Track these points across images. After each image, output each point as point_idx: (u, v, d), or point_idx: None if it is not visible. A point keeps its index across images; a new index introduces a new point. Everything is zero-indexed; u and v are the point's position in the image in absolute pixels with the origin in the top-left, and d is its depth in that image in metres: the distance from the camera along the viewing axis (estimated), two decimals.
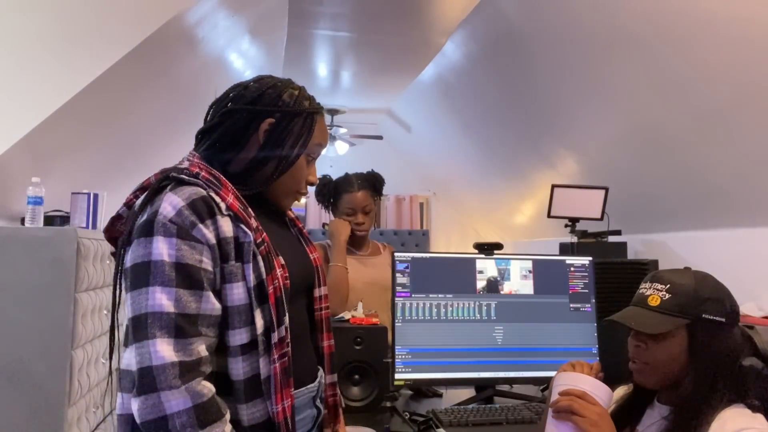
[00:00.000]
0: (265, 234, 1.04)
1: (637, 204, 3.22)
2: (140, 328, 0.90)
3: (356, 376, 1.78)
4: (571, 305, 1.98)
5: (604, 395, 1.07)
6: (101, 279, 2.53)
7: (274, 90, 1.11)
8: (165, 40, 2.48)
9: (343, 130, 6.07)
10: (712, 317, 1.09)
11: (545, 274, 1.98)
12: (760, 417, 1.03)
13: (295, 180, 1.14)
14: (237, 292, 0.99)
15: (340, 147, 6.10)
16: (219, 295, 0.99)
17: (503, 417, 1.64)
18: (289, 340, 1.03)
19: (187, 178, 1.01)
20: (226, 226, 0.99)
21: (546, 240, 4.69)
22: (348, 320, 1.85)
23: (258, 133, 1.09)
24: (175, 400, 0.88)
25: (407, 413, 1.73)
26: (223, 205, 1.00)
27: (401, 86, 5.04)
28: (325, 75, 4.91)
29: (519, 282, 1.96)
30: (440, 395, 1.99)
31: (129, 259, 0.96)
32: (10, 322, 2.16)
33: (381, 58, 4.37)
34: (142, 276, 0.92)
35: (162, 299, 0.91)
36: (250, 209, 1.05)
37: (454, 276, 1.91)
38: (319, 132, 1.15)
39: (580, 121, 3.21)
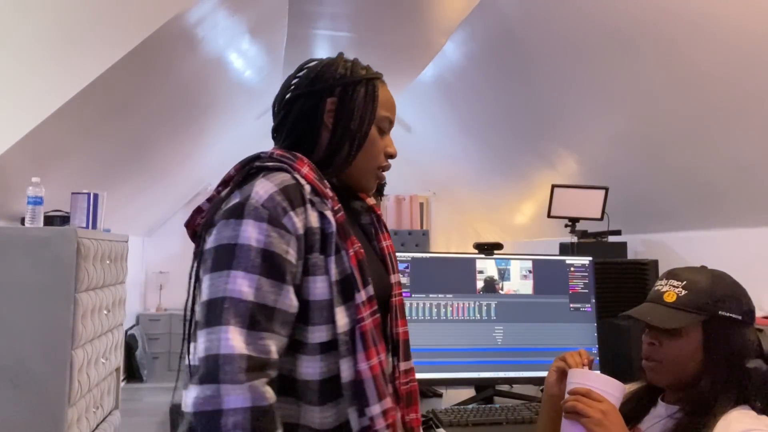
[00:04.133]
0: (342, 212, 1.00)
1: (637, 204, 3.22)
2: (214, 313, 0.85)
3: None
4: (571, 305, 1.98)
5: (613, 390, 1.04)
6: (101, 279, 2.53)
7: (328, 67, 1.07)
8: (165, 40, 2.48)
9: None
10: (728, 314, 1.07)
11: (545, 274, 1.98)
12: (765, 418, 1.02)
13: (371, 155, 1.07)
14: (320, 287, 0.94)
15: None
16: (299, 290, 0.94)
17: (503, 417, 1.64)
18: (376, 299, 0.98)
19: (272, 164, 0.98)
20: (313, 216, 0.96)
21: (546, 240, 4.69)
22: None
23: (325, 116, 1.05)
24: (235, 396, 0.81)
25: None
26: (308, 188, 0.96)
27: (401, 86, 5.04)
28: None
29: (519, 282, 1.96)
30: (440, 395, 1.99)
31: (212, 240, 0.90)
32: (10, 322, 2.16)
33: (381, 58, 4.37)
34: (225, 258, 0.87)
35: (243, 285, 0.86)
36: (326, 181, 1.01)
37: (454, 276, 1.91)
38: (385, 100, 1.09)
39: (580, 121, 3.21)
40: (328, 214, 0.97)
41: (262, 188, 0.92)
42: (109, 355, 2.74)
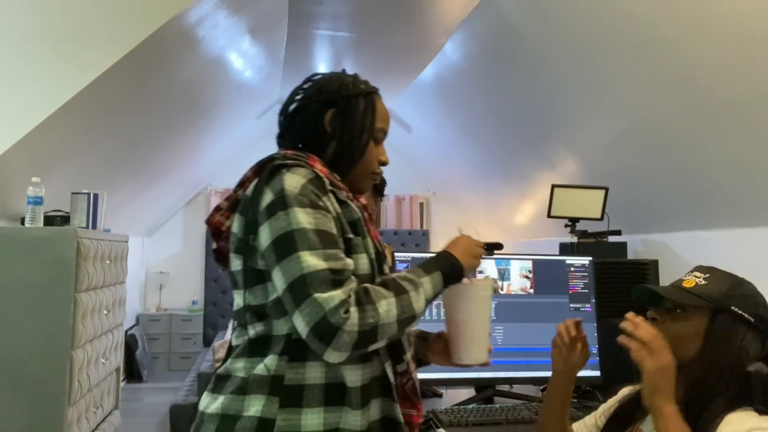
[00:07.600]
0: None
1: (637, 204, 3.22)
2: (299, 291, 0.95)
3: None
4: (571, 305, 1.98)
5: None
6: (101, 279, 2.53)
7: (330, 81, 1.17)
8: (165, 40, 2.48)
9: None
10: (740, 312, 1.07)
11: (545, 274, 1.98)
12: None
13: (367, 162, 1.18)
14: (362, 263, 1.06)
15: None
16: None
17: (503, 417, 1.64)
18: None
19: (290, 161, 1.05)
20: (336, 204, 1.06)
21: (546, 240, 4.70)
22: None
23: (327, 125, 1.14)
24: (358, 328, 0.94)
25: None
26: (326, 181, 1.06)
27: (401, 86, 5.04)
28: None
29: (519, 282, 1.96)
30: (440, 395, 1.99)
31: (267, 236, 0.99)
32: (10, 322, 2.16)
33: (381, 58, 4.37)
34: (288, 245, 0.97)
35: (312, 260, 0.95)
36: (336, 175, 1.12)
37: None
38: (381, 112, 1.19)
39: (580, 121, 3.21)
40: (351, 202, 1.09)
41: (293, 180, 1.01)
42: (109, 355, 2.75)
